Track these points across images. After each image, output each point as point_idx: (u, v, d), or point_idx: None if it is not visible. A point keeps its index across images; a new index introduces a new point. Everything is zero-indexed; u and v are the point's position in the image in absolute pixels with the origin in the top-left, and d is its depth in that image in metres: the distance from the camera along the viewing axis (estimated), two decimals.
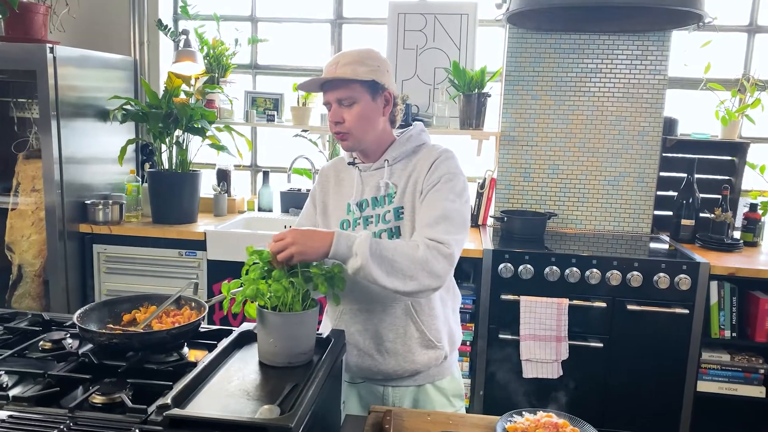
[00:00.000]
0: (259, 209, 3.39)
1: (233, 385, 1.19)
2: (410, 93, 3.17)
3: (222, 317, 2.83)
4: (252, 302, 1.32)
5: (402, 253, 1.35)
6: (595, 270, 2.59)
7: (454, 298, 1.66)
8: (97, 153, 3.02)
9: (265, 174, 3.39)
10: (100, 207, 2.89)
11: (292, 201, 3.32)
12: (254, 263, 1.33)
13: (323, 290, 1.32)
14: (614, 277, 2.58)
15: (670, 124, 3.08)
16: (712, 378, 2.64)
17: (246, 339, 1.41)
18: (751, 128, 3.07)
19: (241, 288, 1.32)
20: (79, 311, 1.36)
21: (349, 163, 1.62)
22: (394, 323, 1.54)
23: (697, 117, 3.16)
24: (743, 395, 2.62)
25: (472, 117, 3.01)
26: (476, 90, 2.98)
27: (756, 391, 2.62)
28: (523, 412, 1.33)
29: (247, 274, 1.32)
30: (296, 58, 3.51)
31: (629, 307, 2.57)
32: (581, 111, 3.08)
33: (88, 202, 2.90)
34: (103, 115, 3.02)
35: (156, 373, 1.23)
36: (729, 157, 3.10)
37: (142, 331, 1.33)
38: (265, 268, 1.32)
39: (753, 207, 2.95)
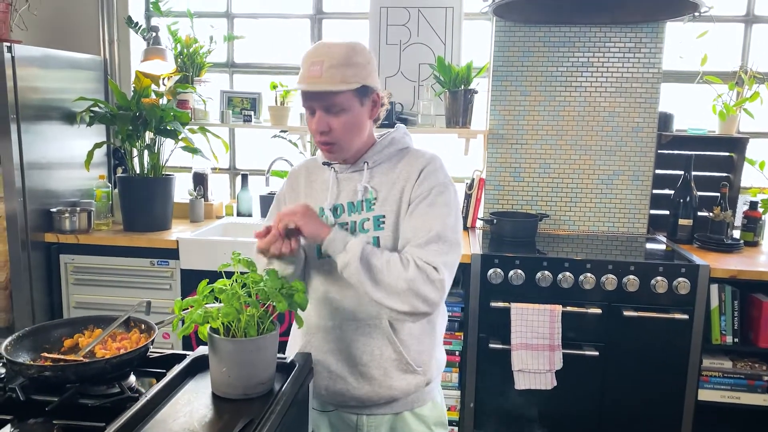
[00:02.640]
0: (238, 214, 3.23)
1: (178, 424, 1.05)
2: (394, 90, 3.02)
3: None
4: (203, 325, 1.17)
5: (392, 268, 1.27)
6: (589, 274, 2.45)
7: (442, 318, 1.51)
8: (64, 158, 2.86)
9: (244, 177, 3.24)
10: (67, 215, 2.74)
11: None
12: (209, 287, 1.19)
13: (281, 308, 1.17)
14: (609, 281, 2.44)
15: (665, 120, 2.94)
16: (714, 386, 2.50)
17: (201, 365, 1.26)
18: (749, 123, 2.94)
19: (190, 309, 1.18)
20: (9, 338, 1.20)
21: (324, 163, 1.48)
22: (369, 344, 1.40)
23: (694, 112, 3.03)
24: (746, 403, 2.49)
25: (458, 115, 2.86)
26: (462, 86, 2.83)
27: (760, 399, 2.49)
28: None
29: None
30: (274, 55, 3.36)
31: (626, 313, 2.43)
32: (572, 107, 2.94)
33: (54, 210, 2.74)
34: (70, 117, 2.87)
35: (90, 411, 1.08)
36: (727, 153, 2.97)
37: (76, 360, 1.18)
38: (218, 287, 1.17)
39: (753, 205, 2.82)
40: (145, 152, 2.81)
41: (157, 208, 2.83)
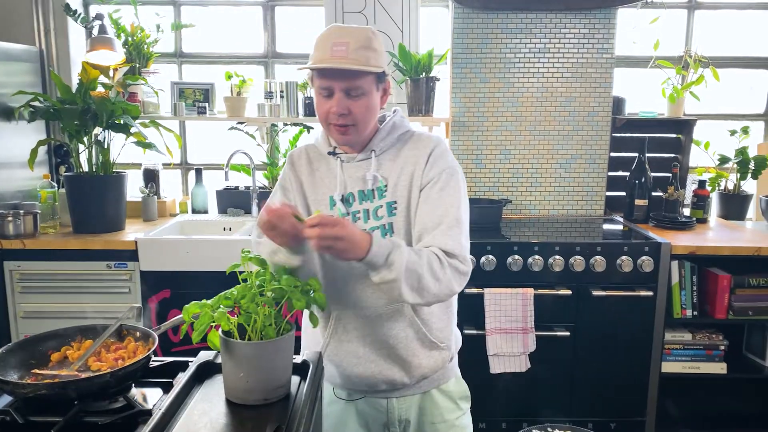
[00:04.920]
0: (193, 211, 3.10)
1: None
2: None
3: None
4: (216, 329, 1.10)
5: (430, 271, 1.24)
6: (558, 257, 2.50)
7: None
8: (2, 157, 2.65)
9: (198, 172, 3.10)
10: (10, 218, 2.53)
11: (231, 200, 3.05)
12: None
13: (299, 306, 1.11)
14: (578, 263, 2.50)
15: (618, 104, 3.04)
16: (676, 358, 2.62)
17: (206, 371, 1.19)
18: (696, 105, 3.07)
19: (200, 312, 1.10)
20: None
21: (330, 153, 1.42)
22: (392, 327, 1.39)
23: (644, 96, 3.14)
24: (706, 372, 2.62)
25: (421, 103, 2.85)
26: (424, 74, 2.82)
27: (717, 368, 2.62)
28: (534, 431, 1.19)
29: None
30: (226, 44, 3.23)
31: (594, 293, 2.50)
32: (531, 93, 2.98)
33: None
34: (7, 113, 2.65)
35: (99, 429, 0.99)
36: (676, 135, 3.09)
37: (77, 375, 1.09)
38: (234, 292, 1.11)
39: (701, 184, 2.96)
40: (93, 148, 2.63)
41: (110, 208, 2.67)
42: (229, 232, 2.92)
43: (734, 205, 3.01)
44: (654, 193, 2.95)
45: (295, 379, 1.16)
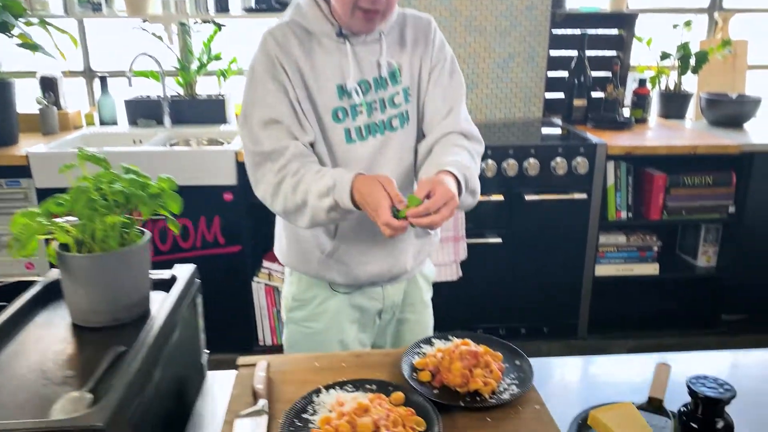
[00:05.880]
0: (101, 123, 2.82)
1: (31, 363, 0.83)
2: None
3: None
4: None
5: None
6: (490, 161, 2.37)
7: None
8: None
9: (103, 80, 2.80)
10: None
11: (141, 110, 2.78)
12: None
13: (146, 213, 0.94)
14: (510, 166, 2.38)
15: None
16: (609, 260, 2.58)
17: (57, 292, 1.02)
18: None
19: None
20: None
21: (339, 34, 1.18)
22: None
23: None
24: (639, 274, 2.60)
25: None
26: None
27: (650, 269, 2.60)
28: (433, 340, 1.07)
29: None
30: None
31: (527, 197, 2.40)
32: None
33: None
34: None
35: None
36: (617, 31, 2.93)
37: None
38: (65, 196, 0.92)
39: (642, 82, 2.83)
40: None
41: None
42: (140, 144, 2.68)
43: (674, 105, 2.91)
44: (594, 93, 2.82)
45: (159, 297, 1.00)
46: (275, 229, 1.40)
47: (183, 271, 1.06)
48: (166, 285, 1.03)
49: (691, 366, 1.10)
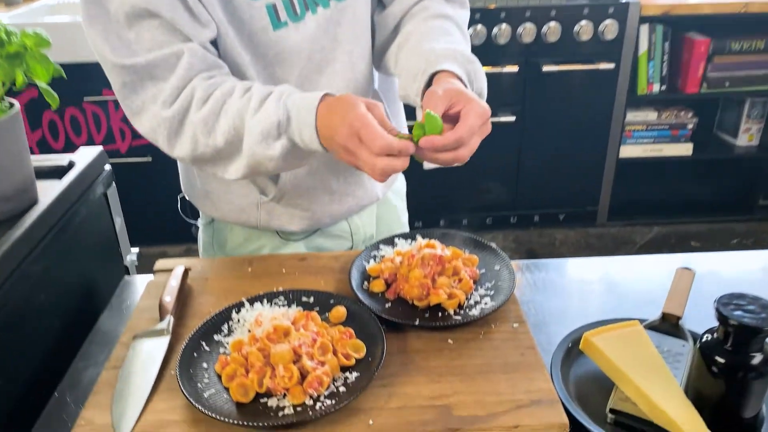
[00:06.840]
0: None
1: None
2: None
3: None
4: None
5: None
6: (504, 25, 2.04)
7: None
8: None
9: None
10: None
11: None
12: None
13: (42, 78, 0.71)
14: (527, 32, 2.05)
15: None
16: (637, 140, 2.30)
17: None
18: None
19: None
20: None
21: None
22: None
23: None
24: (668, 155, 2.33)
25: None
26: None
27: (683, 149, 2.32)
28: (397, 241, 0.86)
29: None
30: None
31: (545, 68, 2.09)
32: None
33: None
34: None
35: None
36: None
37: None
38: None
39: None
40: None
41: None
42: None
43: None
44: None
45: (55, 186, 0.80)
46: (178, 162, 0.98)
47: (83, 156, 0.85)
48: (63, 173, 0.83)
49: (722, 272, 0.88)
